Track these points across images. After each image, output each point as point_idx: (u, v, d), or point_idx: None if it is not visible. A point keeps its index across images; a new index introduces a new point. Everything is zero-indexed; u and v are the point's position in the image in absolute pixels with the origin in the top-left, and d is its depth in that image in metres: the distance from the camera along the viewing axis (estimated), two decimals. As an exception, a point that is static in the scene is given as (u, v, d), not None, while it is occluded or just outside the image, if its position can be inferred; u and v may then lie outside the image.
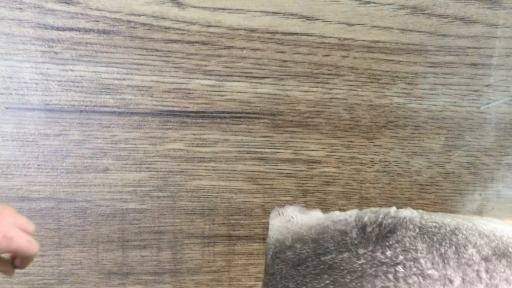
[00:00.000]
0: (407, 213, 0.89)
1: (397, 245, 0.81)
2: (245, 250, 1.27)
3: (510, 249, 0.81)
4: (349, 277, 0.79)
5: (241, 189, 1.26)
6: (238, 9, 1.20)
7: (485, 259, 0.78)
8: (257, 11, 1.20)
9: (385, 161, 1.28)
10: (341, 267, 0.81)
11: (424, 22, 1.25)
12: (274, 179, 1.26)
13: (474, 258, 0.78)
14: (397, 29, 1.25)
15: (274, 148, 1.25)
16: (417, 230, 0.83)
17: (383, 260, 0.79)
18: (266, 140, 1.25)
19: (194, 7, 1.18)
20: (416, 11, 1.24)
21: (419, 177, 1.29)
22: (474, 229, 0.84)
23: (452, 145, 1.29)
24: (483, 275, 0.76)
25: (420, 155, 1.29)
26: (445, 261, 0.78)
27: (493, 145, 1.30)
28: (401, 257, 0.79)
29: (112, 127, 1.20)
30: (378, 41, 1.25)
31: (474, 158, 1.29)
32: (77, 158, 1.21)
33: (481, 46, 1.27)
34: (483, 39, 1.27)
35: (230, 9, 1.20)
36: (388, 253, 0.80)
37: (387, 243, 0.81)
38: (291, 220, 0.90)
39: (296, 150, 1.26)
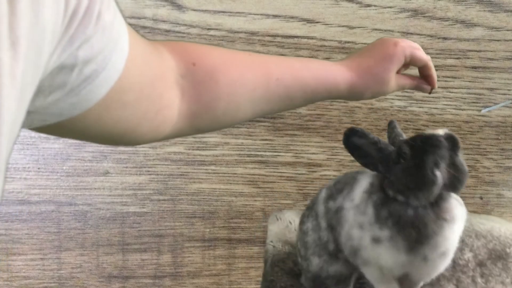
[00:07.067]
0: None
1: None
2: (245, 253, 1.27)
3: (507, 249, 0.81)
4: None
5: (242, 192, 1.25)
6: (239, 12, 1.20)
7: (480, 264, 0.78)
8: (258, 14, 1.20)
9: (386, 164, 1.28)
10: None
11: (425, 25, 1.25)
12: (275, 182, 1.26)
13: (469, 265, 0.77)
14: (398, 32, 1.24)
15: (275, 151, 1.25)
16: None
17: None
18: (267, 143, 1.25)
19: (194, 10, 1.18)
20: (417, 14, 1.24)
21: (419, 180, 1.28)
22: (471, 230, 0.84)
23: (453, 148, 1.28)
24: (479, 280, 0.76)
25: (421, 158, 1.28)
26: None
27: (493, 148, 1.29)
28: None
29: (112, 130, 1.19)
30: (379, 44, 1.24)
31: (474, 161, 1.29)
32: (77, 161, 1.20)
33: (482, 49, 1.27)
34: (484, 42, 1.26)
35: (231, 12, 1.19)
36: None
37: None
38: (289, 226, 0.89)
39: (296, 153, 1.26)
